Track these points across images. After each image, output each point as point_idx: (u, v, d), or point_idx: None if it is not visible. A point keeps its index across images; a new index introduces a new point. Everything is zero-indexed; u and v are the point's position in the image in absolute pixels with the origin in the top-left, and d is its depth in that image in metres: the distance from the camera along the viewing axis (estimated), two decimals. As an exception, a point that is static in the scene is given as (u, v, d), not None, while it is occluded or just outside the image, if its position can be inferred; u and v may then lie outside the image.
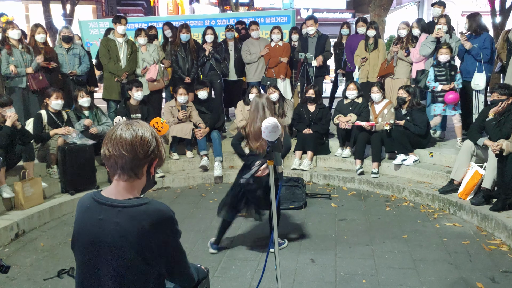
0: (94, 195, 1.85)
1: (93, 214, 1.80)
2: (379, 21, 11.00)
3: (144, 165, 1.82)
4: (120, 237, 1.74)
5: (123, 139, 1.76)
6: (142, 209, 1.76)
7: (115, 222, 1.75)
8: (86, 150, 6.00)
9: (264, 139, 2.62)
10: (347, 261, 4.31)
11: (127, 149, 1.76)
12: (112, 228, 1.75)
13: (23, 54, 6.57)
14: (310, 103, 7.11)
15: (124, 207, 1.77)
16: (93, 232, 1.79)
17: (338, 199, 6.11)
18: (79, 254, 1.86)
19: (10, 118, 5.28)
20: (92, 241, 1.79)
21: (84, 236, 1.81)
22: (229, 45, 8.37)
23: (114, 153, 1.77)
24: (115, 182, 1.84)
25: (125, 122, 1.83)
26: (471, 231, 5.01)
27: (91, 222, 1.80)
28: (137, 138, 1.77)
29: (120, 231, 1.74)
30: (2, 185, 5.17)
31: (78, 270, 1.87)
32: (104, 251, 1.77)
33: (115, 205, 1.78)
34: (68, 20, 16.80)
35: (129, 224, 1.74)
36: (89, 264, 1.82)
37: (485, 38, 6.73)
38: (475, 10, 15.48)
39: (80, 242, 1.84)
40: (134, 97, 6.78)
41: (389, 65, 7.49)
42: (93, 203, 1.82)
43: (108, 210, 1.78)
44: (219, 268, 4.20)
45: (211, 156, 7.09)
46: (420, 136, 6.53)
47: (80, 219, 1.85)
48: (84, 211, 1.84)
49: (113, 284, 1.79)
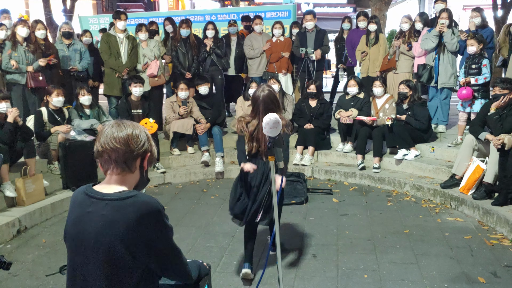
0: (86, 189, 1.87)
1: (83, 208, 1.83)
2: (380, 15, 10.95)
3: (136, 158, 1.85)
4: (105, 229, 1.75)
5: (115, 135, 1.81)
6: (129, 202, 1.77)
7: (102, 214, 1.77)
8: (87, 146, 6.00)
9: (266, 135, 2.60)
10: (348, 256, 4.31)
11: (120, 142, 1.80)
12: (98, 220, 1.77)
13: (26, 52, 6.57)
14: (311, 98, 7.10)
15: (112, 200, 1.78)
16: (81, 225, 1.81)
17: (340, 194, 6.10)
18: (69, 248, 1.88)
19: (11, 114, 5.27)
20: (79, 233, 1.81)
21: (74, 230, 1.84)
22: (232, 40, 8.35)
23: (107, 147, 1.81)
24: (107, 177, 1.87)
25: (115, 122, 1.87)
26: (472, 225, 5.00)
27: (80, 215, 1.82)
28: (128, 134, 1.82)
29: (105, 223, 1.75)
30: (5, 182, 5.16)
31: (69, 263, 1.89)
32: (90, 243, 1.78)
33: (104, 198, 1.80)
34: (68, 16, 16.75)
35: (115, 216, 1.75)
36: (77, 257, 1.84)
37: (488, 33, 6.69)
38: (476, 3, 15.45)
39: (70, 236, 1.86)
40: (133, 92, 6.77)
41: (391, 60, 7.46)
42: (85, 197, 1.85)
43: (96, 203, 1.80)
44: (220, 264, 4.21)
45: (212, 151, 7.08)
46: (421, 131, 6.52)
47: (71, 213, 1.87)
48: (76, 205, 1.86)
49: (99, 277, 1.79)
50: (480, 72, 6.16)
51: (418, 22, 7.32)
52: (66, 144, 5.83)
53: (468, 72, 6.27)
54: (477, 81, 6.13)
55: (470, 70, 6.24)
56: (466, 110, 6.34)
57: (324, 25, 9.33)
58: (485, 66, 6.16)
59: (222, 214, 5.46)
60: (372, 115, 6.80)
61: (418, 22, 7.32)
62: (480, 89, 6.19)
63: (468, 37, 6.33)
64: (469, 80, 6.18)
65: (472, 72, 6.22)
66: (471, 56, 6.27)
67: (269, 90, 3.64)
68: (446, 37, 6.65)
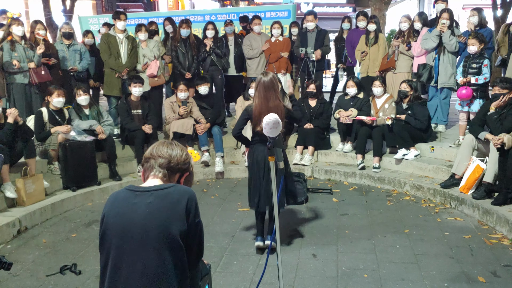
0: (128, 187, 2.10)
1: (128, 201, 2.03)
2: (380, 15, 10.96)
3: (177, 172, 2.15)
4: (153, 214, 1.96)
5: (165, 150, 2.14)
6: (171, 190, 2.03)
7: (148, 202, 1.99)
8: (87, 146, 6.01)
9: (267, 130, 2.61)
10: (348, 256, 4.31)
11: (168, 154, 2.13)
12: (144, 208, 1.98)
13: (26, 50, 6.56)
14: (311, 98, 7.10)
15: (155, 190, 2.03)
16: (128, 215, 1.99)
17: (340, 194, 6.11)
18: (111, 240, 2.00)
19: (11, 114, 5.27)
20: (126, 223, 1.98)
21: (120, 221, 2.00)
22: (229, 40, 8.35)
23: (154, 155, 2.13)
24: (149, 180, 2.12)
25: (166, 141, 2.21)
26: (472, 225, 5.01)
27: (125, 207, 2.01)
28: (176, 151, 2.15)
29: (152, 209, 1.97)
30: (5, 182, 5.17)
31: (112, 254, 1.99)
32: (138, 230, 1.96)
33: (148, 190, 2.04)
34: (68, 16, 16.75)
35: (160, 202, 1.99)
36: (125, 245, 1.97)
37: (485, 32, 6.70)
38: (476, 3, 15.46)
39: (115, 228, 1.99)
40: (133, 93, 6.78)
41: (391, 59, 7.46)
42: (128, 192, 2.07)
43: (141, 195, 2.03)
44: (221, 264, 4.21)
45: (212, 151, 7.09)
46: (421, 131, 6.52)
47: (114, 207, 2.04)
48: (120, 200, 2.06)
49: (150, 261, 1.94)
50: (480, 72, 6.15)
51: (417, 21, 7.31)
52: (66, 145, 5.83)
53: (467, 71, 6.26)
54: (477, 80, 6.12)
55: (470, 69, 6.22)
56: (465, 110, 6.34)
57: (324, 25, 9.34)
58: (486, 66, 6.13)
59: (222, 214, 5.47)
60: (372, 115, 6.81)
61: (417, 21, 7.31)
62: (478, 88, 6.18)
63: (469, 37, 6.32)
64: (469, 80, 6.17)
65: (472, 71, 6.20)
66: (471, 56, 6.26)
67: (272, 75, 4.13)
68: (444, 37, 6.65)
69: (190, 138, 7.06)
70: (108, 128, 6.49)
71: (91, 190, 6.00)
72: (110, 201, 2.07)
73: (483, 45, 6.20)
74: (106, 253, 2.00)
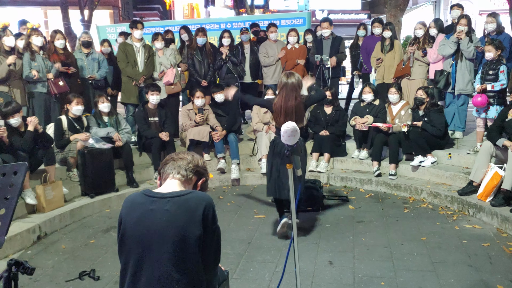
0: (145, 191, 2.11)
1: (145, 207, 2.04)
2: (395, 21, 10.93)
3: (195, 175, 2.17)
4: (170, 222, 1.98)
5: (185, 155, 2.20)
6: (188, 197, 2.04)
7: (165, 210, 2.00)
8: (105, 154, 6.09)
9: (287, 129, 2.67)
10: (365, 263, 4.30)
11: (187, 158, 2.17)
12: (162, 215, 2.00)
13: (44, 60, 6.69)
14: (327, 105, 7.11)
15: (172, 197, 2.04)
16: (146, 222, 2.01)
17: (356, 201, 6.09)
18: (130, 245, 2.03)
19: (31, 123, 5.39)
20: (145, 230, 2.00)
21: (138, 227, 2.02)
22: (245, 48, 8.41)
23: (174, 157, 2.18)
24: (167, 182, 2.14)
25: (186, 151, 2.26)
26: (491, 233, 4.95)
27: (143, 214, 2.03)
28: (195, 158, 2.21)
29: (170, 217, 1.99)
30: (26, 189, 5.27)
31: (131, 259, 2.02)
32: (156, 237, 1.98)
33: (165, 196, 2.05)
34: (86, 26, 17.06)
35: (178, 209, 2.00)
36: (143, 251, 1.99)
37: (504, 38, 6.63)
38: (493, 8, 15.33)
39: (133, 234, 2.02)
40: (150, 100, 6.87)
41: (406, 66, 7.43)
42: (145, 197, 2.08)
43: (158, 201, 2.04)
44: (237, 270, 4.23)
45: (228, 158, 7.13)
46: (438, 137, 6.48)
47: (132, 213, 2.06)
48: (137, 205, 2.07)
49: (168, 267, 1.97)
50: (497, 78, 6.09)
51: (433, 28, 7.28)
52: (85, 152, 5.92)
53: (485, 78, 6.20)
54: (494, 87, 6.05)
55: (487, 76, 6.17)
56: (481, 116, 6.28)
57: (339, 32, 9.34)
58: (503, 72, 6.07)
59: (239, 221, 5.49)
60: (388, 121, 6.78)
61: (433, 28, 7.28)
62: (496, 95, 6.12)
63: (486, 44, 6.27)
64: (485, 87, 6.10)
65: (489, 78, 6.14)
66: (488, 62, 6.21)
67: (295, 78, 4.58)
68: (462, 45, 6.60)
69: (206, 145, 7.11)
70: (125, 136, 6.58)
71: (109, 196, 6.08)
72: (127, 206, 2.09)
73: (500, 51, 6.14)
74: (125, 257, 2.04)
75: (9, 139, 5.25)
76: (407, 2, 11.99)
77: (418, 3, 24.29)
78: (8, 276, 2.02)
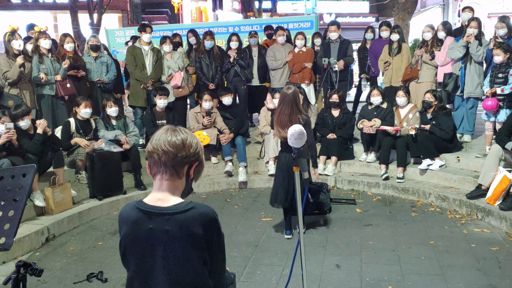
0: (139, 205, 1.88)
1: (142, 225, 1.85)
2: (403, 24, 10.91)
3: (185, 164, 1.87)
4: (172, 244, 1.81)
5: (169, 139, 1.84)
6: (189, 214, 1.82)
7: (165, 230, 1.81)
8: (113, 156, 6.13)
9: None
10: (372, 267, 4.28)
11: (172, 145, 1.83)
12: (163, 235, 1.82)
13: (53, 62, 6.74)
14: (334, 108, 7.10)
15: (172, 214, 1.82)
16: (146, 242, 1.85)
17: (363, 204, 6.07)
18: (133, 265, 1.91)
19: (40, 125, 5.44)
20: (146, 250, 1.86)
21: (138, 248, 1.87)
22: (253, 51, 8.43)
23: (158, 149, 1.83)
24: (157, 183, 1.89)
25: (170, 127, 1.91)
26: (500, 237, 4.92)
27: (141, 233, 1.85)
28: (183, 139, 1.85)
29: (171, 239, 1.81)
30: (35, 191, 5.31)
31: (135, 279, 1.92)
32: (158, 256, 1.84)
33: (163, 212, 1.83)
34: (95, 29, 17.17)
35: (180, 230, 1.81)
36: (145, 273, 1.88)
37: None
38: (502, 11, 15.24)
39: (134, 254, 1.89)
40: (158, 104, 6.90)
41: (414, 69, 7.41)
42: (140, 214, 1.87)
43: (156, 218, 1.83)
44: (244, 273, 4.23)
45: (235, 161, 7.14)
46: (446, 141, 6.45)
47: (130, 231, 1.88)
48: (133, 223, 1.88)
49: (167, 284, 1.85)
50: (506, 82, 6.06)
51: (441, 31, 7.26)
52: (93, 155, 5.96)
53: (494, 81, 6.17)
54: (503, 91, 6.01)
55: (497, 79, 6.13)
56: (491, 120, 6.24)
57: (347, 35, 9.36)
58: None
59: (246, 224, 5.49)
60: (396, 125, 6.76)
61: (441, 31, 7.26)
62: (505, 98, 6.08)
63: (494, 48, 6.23)
64: (494, 91, 6.07)
65: (499, 81, 6.11)
66: (498, 65, 6.18)
67: (292, 91, 4.72)
68: (472, 48, 6.57)
69: (214, 148, 7.13)
70: (133, 139, 6.61)
71: (117, 199, 6.11)
72: (123, 222, 1.93)
73: (509, 54, 6.10)
74: (132, 272, 1.95)
75: (18, 142, 5.30)
76: (415, 5, 11.97)
77: (426, 6, 24.21)
78: (16, 278, 2.03)
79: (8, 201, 2.21)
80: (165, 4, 26.66)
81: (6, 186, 2.24)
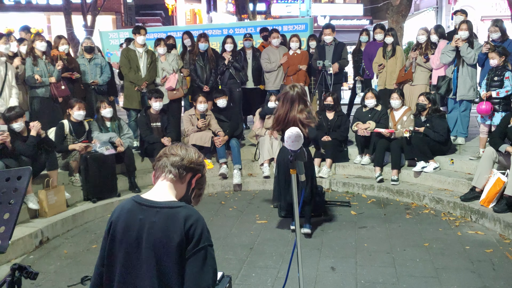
0: (135, 198, 2.03)
1: (134, 215, 1.98)
2: (397, 27, 10.97)
3: (189, 171, 2.05)
4: (157, 235, 1.91)
5: (179, 149, 2.06)
6: (178, 210, 1.94)
7: (153, 221, 1.93)
8: (107, 159, 6.10)
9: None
10: (367, 269, 4.29)
11: (182, 152, 2.05)
12: (150, 226, 1.92)
13: (47, 65, 6.72)
14: (329, 110, 7.11)
15: (162, 208, 1.95)
16: (135, 231, 1.95)
17: (358, 207, 6.08)
18: (121, 253, 1.97)
19: (34, 127, 5.40)
20: (133, 239, 1.95)
21: (127, 236, 1.96)
22: (247, 54, 8.43)
23: (167, 152, 2.06)
24: (158, 183, 2.05)
25: (182, 144, 2.13)
26: (494, 239, 4.94)
27: (132, 222, 1.97)
28: (191, 152, 2.07)
29: (157, 230, 1.91)
30: (28, 194, 5.27)
31: (120, 269, 1.97)
32: (143, 247, 1.93)
33: (154, 206, 1.96)
34: (89, 31, 17.11)
35: (166, 223, 1.91)
36: (131, 259, 1.95)
37: (508, 44, 6.64)
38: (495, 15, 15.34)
39: (122, 241, 1.97)
40: (153, 107, 6.88)
41: (408, 72, 7.45)
42: (134, 205, 2.00)
43: (147, 210, 1.96)
44: (239, 276, 4.22)
45: (230, 164, 7.13)
46: (440, 143, 6.47)
47: (122, 218, 1.99)
48: (126, 212, 2.00)
49: (152, 276, 1.91)
50: (502, 85, 6.09)
51: (433, 34, 7.32)
52: (87, 157, 5.93)
53: (490, 84, 6.19)
54: (499, 94, 6.03)
55: (492, 82, 6.16)
56: (487, 123, 6.28)
57: (341, 37, 9.38)
58: (508, 78, 6.05)
59: (240, 226, 5.49)
60: (390, 127, 6.78)
61: (433, 34, 7.32)
62: (501, 101, 6.11)
63: (489, 50, 6.27)
64: (490, 94, 6.09)
65: (494, 84, 6.13)
66: (494, 69, 6.21)
67: (297, 89, 4.73)
68: (462, 51, 6.62)
69: (209, 151, 7.12)
70: (127, 141, 6.58)
71: (111, 201, 6.08)
72: (117, 211, 2.03)
73: (504, 57, 6.14)
74: (110, 265, 1.99)
75: (12, 144, 5.26)
76: (409, 8, 12.03)
77: (420, 9, 24.34)
78: (11, 281, 2.02)
79: (3, 203, 2.19)
80: (159, 6, 26.63)
81: (1, 188, 2.23)
